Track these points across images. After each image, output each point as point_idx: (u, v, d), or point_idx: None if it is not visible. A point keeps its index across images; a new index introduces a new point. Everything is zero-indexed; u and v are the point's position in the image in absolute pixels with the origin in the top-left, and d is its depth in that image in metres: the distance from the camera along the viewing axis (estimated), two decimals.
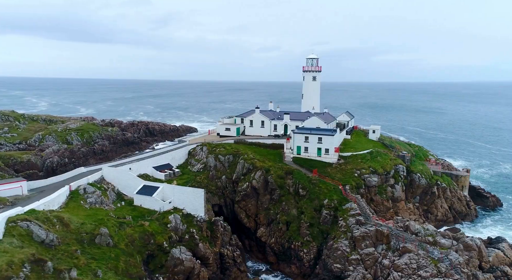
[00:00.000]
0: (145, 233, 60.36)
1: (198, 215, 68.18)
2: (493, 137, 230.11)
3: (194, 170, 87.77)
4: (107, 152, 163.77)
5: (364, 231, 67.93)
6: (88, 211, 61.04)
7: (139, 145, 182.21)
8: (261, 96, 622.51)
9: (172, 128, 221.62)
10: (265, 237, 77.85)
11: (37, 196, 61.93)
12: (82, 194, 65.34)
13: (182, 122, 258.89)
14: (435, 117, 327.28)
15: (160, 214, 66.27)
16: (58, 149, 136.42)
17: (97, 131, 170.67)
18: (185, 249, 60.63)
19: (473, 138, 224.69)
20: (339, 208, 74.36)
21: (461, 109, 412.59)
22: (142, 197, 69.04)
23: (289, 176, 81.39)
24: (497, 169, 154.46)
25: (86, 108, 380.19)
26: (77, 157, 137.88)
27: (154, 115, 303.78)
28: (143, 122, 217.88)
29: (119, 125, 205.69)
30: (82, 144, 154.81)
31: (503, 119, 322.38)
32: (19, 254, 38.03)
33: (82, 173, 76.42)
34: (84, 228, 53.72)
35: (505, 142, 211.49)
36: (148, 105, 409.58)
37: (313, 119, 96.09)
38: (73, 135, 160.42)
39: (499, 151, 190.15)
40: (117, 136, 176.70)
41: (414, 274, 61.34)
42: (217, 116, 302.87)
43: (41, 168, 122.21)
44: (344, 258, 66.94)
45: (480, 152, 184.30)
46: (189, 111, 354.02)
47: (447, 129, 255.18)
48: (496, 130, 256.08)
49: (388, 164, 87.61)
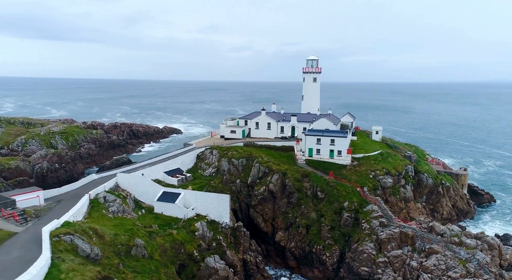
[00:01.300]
0: (175, 242, 58.12)
1: (223, 221, 66.39)
2: (468, 135, 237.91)
3: (206, 174, 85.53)
4: (94, 156, 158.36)
5: (390, 233, 68.07)
6: (113, 221, 58.04)
7: (125, 148, 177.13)
8: (238, 96, 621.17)
9: (156, 130, 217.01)
10: (284, 242, 76.74)
11: (57, 206, 58.39)
12: (103, 203, 62.13)
13: (163, 123, 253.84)
14: (410, 116, 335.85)
15: (185, 222, 64.01)
16: (46, 154, 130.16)
17: (82, 134, 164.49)
18: (218, 258, 58.83)
19: (451, 136, 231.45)
20: (360, 210, 74.21)
21: (433, 109, 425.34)
22: (163, 204, 66.47)
23: (305, 179, 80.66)
24: (482, 166, 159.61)
25: (57, 109, 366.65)
26: (65, 162, 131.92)
27: (132, 116, 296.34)
28: (126, 124, 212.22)
29: (102, 127, 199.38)
30: (67, 148, 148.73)
31: (474, 118, 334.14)
32: (88, 272, 35.35)
33: (94, 180, 72.86)
34: (119, 239, 50.96)
35: (480, 140, 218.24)
36: (123, 106, 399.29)
37: (322, 121, 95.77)
38: (57, 139, 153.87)
39: (477, 148, 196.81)
40: (103, 139, 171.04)
41: (443, 275, 61.87)
42: (199, 117, 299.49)
43: (31, 175, 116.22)
44: (371, 261, 66.80)
45: (460, 150, 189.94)
46: (168, 111, 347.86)
47: (426, 129, 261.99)
48: (470, 129, 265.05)
49: (400, 165, 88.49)
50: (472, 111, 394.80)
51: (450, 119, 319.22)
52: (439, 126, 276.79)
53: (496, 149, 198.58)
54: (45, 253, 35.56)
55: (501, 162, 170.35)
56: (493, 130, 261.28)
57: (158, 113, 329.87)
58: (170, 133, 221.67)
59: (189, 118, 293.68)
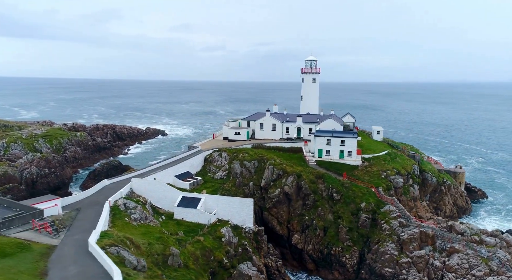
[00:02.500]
0: (205, 249, 56.22)
1: (246, 226, 64.83)
2: (446, 132, 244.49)
3: (217, 177, 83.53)
4: (80, 159, 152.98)
5: (411, 234, 68.42)
6: (139, 229, 55.47)
7: (111, 151, 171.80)
8: (215, 96, 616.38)
9: (140, 131, 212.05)
10: (301, 244, 75.86)
11: (79, 215, 55.19)
12: (124, 210, 59.32)
13: (144, 124, 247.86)
14: (386, 115, 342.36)
15: (209, 228, 62.06)
16: (33, 158, 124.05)
17: (66, 137, 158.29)
18: (250, 264, 57.25)
19: (430, 135, 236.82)
20: (377, 211, 74.33)
21: (406, 107, 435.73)
22: (184, 210, 64.23)
23: (319, 180, 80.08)
24: (466, 164, 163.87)
25: (27, 110, 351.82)
26: (53, 166, 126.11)
27: (111, 118, 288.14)
28: (109, 126, 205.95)
29: (84, 129, 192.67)
30: (52, 152, 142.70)
31: (445, 116, 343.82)
32: None
33: (106, 186, 69.66)
34: (154, 248, 48.66)
35: (457, 138, 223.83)
36: (98, 107, 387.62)
37: (328, 121, 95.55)
38: (41, 142, 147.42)
39: (457, 145, 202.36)
40: (87, 141, 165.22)
41: (468, 274, 62.69)
42: (180, 118, 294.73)
43: (20, 181, 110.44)
44: (393, 261, 66.89)
45: (442, 149, 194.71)
46: (146, 112, 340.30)
47: (402, 127, 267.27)
48: (446, 127, 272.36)
49: (408, 165, 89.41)
50: (442, 110, 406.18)
51: (424, 118, 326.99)
52: (415, 125, 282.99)
53: (474, 146, 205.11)
54: (115, 268, 33.10)
55: (483, 158, 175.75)
56: (466, 127, 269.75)
57: (136, 114, 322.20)
58: (154, 134, 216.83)
59: (171, 119, 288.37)
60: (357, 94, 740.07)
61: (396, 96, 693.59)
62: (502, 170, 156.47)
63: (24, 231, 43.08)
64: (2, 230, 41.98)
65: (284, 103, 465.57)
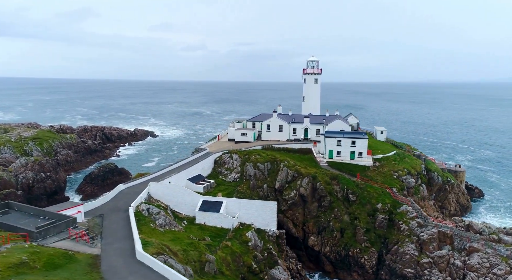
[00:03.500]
0: (234, 254, 55.04)
1: (269, 230, 63.87)
2: (432, 131, 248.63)
3: (229, 179, 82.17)
4: (72, 162, 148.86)
5: (430, 234, 68.86)
6: (167, 235, 53.74)
7: (102, 153, 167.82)
8: (199, 96, 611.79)
9: (130, 133, 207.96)
10: (318, 246, 75.43)
11: (105, 222, 53.05)
12: (147, 216, 57.47)
13: (131, 125, 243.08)
14: (371, 115, 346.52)
15: (234, 232, 60.82)
16: (26, 162, 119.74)
17: (56, 139, 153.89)
18: (281, 269, 56.33)
19: (416, 134, 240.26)
20: (394, 211, 74.53)
21: (389, 108, 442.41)
22: (206, 214, 62.77)
23: (334, 181, 79.80)
24: (458, 162, 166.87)
25: (4, 112, 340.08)
26: (47, 170, 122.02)
27: (95, 119, 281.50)
28: (97, 128, 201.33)
29: (72, 131, 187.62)
30: (43, 155, 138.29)
31: (428, 116, 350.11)
32: None
33: (122, 191, 67.38)
34: (190, 255, 47.21)
35: (443, 137, 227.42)
36: (79, 108, 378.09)
37: (337, 122, 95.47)
38: (31, 145, 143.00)
39: (444, 144, 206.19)
40: (78, 144, 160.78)
41: (489, 273, 63.42)
42: (167, 119, 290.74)
43: (16, 186, 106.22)
44: (414, 262, 67.21)
45: (432, 147, 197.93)
46: (130, 112, 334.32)
47: (390, 126, 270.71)
48: (432, 126, 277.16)
49: (417, 165, 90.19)
50: (420, 110, 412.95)
51: (407, 117, 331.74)
52: (400, 124, 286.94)
53: (461, 144, 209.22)
54: (183, 278, 31.57)
55: (471, 157, 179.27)
56: (448, 126, 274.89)
57: (121, 114, 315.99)
58: (144, 136, 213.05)
59: (157, 120, 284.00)
60: (339, 94, 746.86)
61: (377, 96, 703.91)
62: (492, 167, 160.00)
63: (60, 240, 40.92)
64: (38, 240, 39.75)
65: (269, 103, 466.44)
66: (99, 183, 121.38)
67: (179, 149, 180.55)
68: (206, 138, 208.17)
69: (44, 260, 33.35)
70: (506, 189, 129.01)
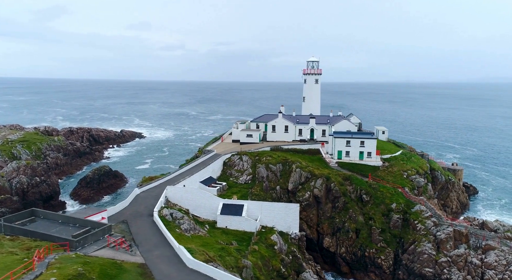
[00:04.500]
0: (264, 259, 54.04)
1: (292, 232, 63.08)
2: (415, 130, 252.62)
3: (240, 181, 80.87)
4: (62, 165, 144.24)
5: (447, 233, 69.53)
6: (195, 240, 52.23)
7: (92, 155, 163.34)
8: (180, 96, 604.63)
9: (117, 134, 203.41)
10: (333, 247, 75.14)
11: (132, 228, 51.04)
12: (172, 221, 55.72)
13: (115, 126, 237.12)
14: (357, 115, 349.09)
15: (258, 236, 59.74)
16: (18, 166, 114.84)
17: (45, 142, 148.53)
18: (312, 273, 55.64)
19: (402, 132, 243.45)
20: (408, 211, 74.98)
21: (367, 107, 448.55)
22: (228, 218, 61.42)
23: (346, 182, 79.72)
24: (447, 159, 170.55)
25: None
26: (39, 174, 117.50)
27: (77, 120, 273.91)
28: (84, 129, 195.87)
29: (57, 133, 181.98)
30: (32, 158, 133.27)
31: (407, 116, 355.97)
32: None
33: (138, 195, 65.22)
34: (227, 261, 45.99)
35: (427, 135, 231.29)
36: (58, 108, 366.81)
37: (343, 123, 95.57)
38: (19, 148, 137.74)
39: (429, 142, 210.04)
40: (67, 146, 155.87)
41: (507, 271, 64.54)
42: (153, 120, 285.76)
43: (10, 191, 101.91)
44: (432, 261, 67.71)
45: (419, 146, 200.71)
46: (113, 113, 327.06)
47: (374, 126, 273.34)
48: (412, 126, 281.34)
49: (424, 164, 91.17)
50: (398, 109, 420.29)
51: (388, 117, 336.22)
52: (384, 123, 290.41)
53: (446, 143, 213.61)
54: None
55: (458, 155, 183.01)
56: (430, 125, 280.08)
57: (103, 115, 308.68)
58: (132, 137, 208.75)
59: (142, 120, 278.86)
60: None
61: (355, 96, 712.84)
62: (479, 165, 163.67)
63: (100, 249, 38.86)
64: (77, 248, 37.66)
65: (253, 103, 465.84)
66: (95, 187, 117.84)
67: (170, 150, 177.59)
68: (196, 139, 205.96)
69: (97, 270, 31.56)
70: (498, 186, 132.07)
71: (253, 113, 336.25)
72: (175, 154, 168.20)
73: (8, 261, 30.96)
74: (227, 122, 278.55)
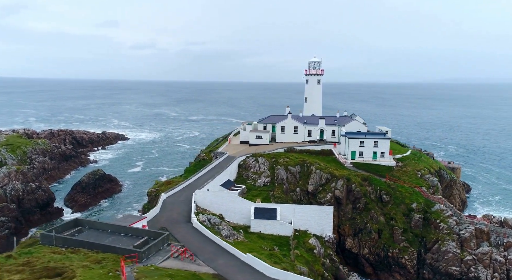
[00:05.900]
0: (308, 264, 52.79)
1: (325, 235, 62.20)
2: (396, 129, 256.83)
3: (259, 184, 79.19)
4: (50, 170, 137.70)
5: (470, 231, 70.63)
6: (239, 247, 50.29)
7: (79, 159, 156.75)
8: (155, 96, 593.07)
9: (101, 136, 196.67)
10: (356, 248, 74.83)
11: (176, 235, 48.56)
12: (211, 227, 53.61)
13: (94, 128, 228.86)
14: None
15: (295, 240, 58.48)
16: (8, 172, 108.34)
17: (29, 145, 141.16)
18: (357, 276, 54.87)
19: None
20: (428, 210, 75.71)
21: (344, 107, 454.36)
22: (262, 222, 59.81)
23: (365, 182, 79.70)
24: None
25: None
26: (30, 180, 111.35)
27: (52, 121, 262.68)
28: (65, 131, 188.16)
29: (38, 135, 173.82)
30: (17, 163, 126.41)
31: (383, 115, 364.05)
32: None
33: (165, 201, 62.56)
34: (284, 269, 44.27)
35: (410, 134, 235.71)
36: (26, 109, 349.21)
37: (354, 123, 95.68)
38: (3, 153, 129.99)
39: (413, 141, 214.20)
40: (53, 150, 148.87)
41: None
42: (130, 120, 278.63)
43: (6, 199, 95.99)
44: (458, 260, 68.55)
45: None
46: (88, 114, 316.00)
47: None
48: (390, 125, 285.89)
49: (434, 164, 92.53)
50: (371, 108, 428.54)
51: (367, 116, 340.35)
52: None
53: (430, 142, 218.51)
54: None
55: (443, 152, 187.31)
56: (408, 124, 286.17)
57: (79, 117, 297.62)
58: (116, 139, 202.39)
59: (121, 122, 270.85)
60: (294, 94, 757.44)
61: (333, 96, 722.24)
62: (464, 162, 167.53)
63: (165, 259, 36.44)
64: (143, 260, 35.10)
65: (230, 103, 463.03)
66: (91, 192, 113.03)
67: (159, 152, 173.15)
68: (183, 140, 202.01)
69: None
70: (488, 183, 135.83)
71: (234, 113, 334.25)
72: (165, 156, 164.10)
73: (95, 276, 28.29)
74: (209, 122, 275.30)
